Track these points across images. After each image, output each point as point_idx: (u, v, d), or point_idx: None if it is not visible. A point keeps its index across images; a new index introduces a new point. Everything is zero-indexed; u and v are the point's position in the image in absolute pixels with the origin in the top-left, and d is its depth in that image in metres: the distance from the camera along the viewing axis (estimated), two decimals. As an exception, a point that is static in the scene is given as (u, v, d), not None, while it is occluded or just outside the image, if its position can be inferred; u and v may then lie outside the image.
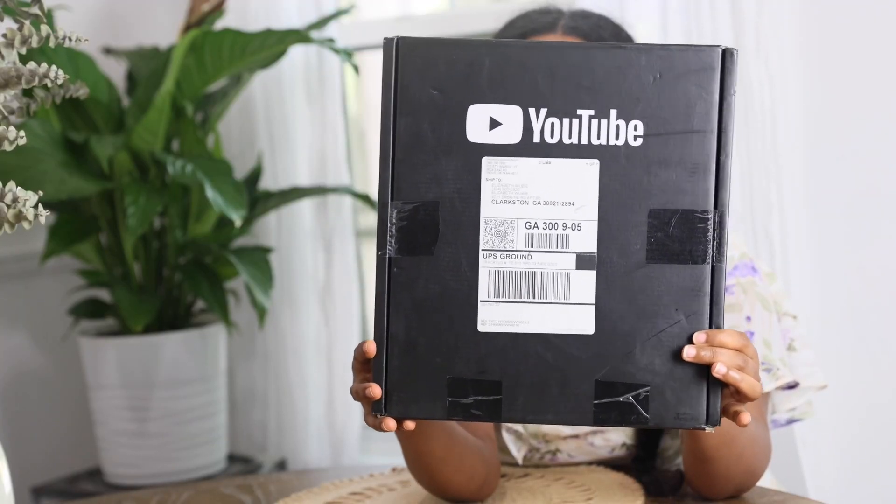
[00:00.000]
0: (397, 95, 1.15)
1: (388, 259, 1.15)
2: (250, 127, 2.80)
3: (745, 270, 1.56)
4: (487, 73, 1.14)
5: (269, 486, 1.61)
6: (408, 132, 1.15)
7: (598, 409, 1.13)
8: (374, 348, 1.15)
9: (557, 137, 1.14)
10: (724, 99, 1.14)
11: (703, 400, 1.13)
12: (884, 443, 2.35)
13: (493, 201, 1.14)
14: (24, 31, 1.13)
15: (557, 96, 1.14)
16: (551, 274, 1.14)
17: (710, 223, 1.13)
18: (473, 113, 1.14)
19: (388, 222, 1.15)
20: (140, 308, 2.54)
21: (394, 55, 1.15)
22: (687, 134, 1.13)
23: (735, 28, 2.32)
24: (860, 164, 2.33)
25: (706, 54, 1.14)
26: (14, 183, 1.09)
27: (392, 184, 1.15)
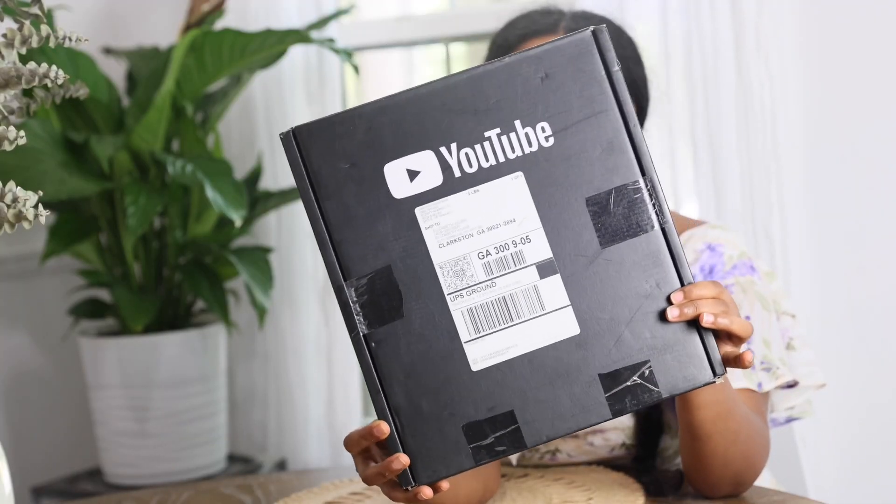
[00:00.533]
0: (313, 182, 1.17)
1: (362, 337, 1.16)
2: (250, 127, 2.80)
3: (743, 270, 1.56)
4: (389, 131, 1.17)
5: (269, 486, 1.61)
6: (336, 212, 1.17)
7: (611, 401, 1.14)
8: (386, 428, 1.14)
9: (476, 165, 1.16)
10: (611, 74, 1.16)
11: (702, 354, 1.15)
12: (884, 443, 2.35)
13: (439, 246, 1.16)
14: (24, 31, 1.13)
15: (461, 128, 1.16)
16: (520, 292, 1.15)
17: (644, 191, 1.16)
18: (390, 171, 1.16)
19: (350, 302, 1.16)
20: (140, 308, 2.54)
21: (295, 146, 1.17)
22: (591, 118, 1.16)
23: (735, 28, 2.32)
24: (860, 163, 2.33)
25: (578, 41, 1.17)
26: (14, 183, 1.09)
27: (340, 266, 1.17)
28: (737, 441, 1.38)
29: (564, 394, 1.14)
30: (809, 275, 2.35)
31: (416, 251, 1.16)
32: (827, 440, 2.33)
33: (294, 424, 2.78)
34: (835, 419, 2.33)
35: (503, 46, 1.61)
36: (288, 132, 1.17)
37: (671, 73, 2.37)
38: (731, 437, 1.38)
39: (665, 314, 1.14)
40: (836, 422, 2.33)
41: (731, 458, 1.39)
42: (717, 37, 2.33)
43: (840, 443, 2.35)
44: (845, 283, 2.35)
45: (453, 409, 1.15)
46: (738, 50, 2.32)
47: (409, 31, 2.82)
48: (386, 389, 1.15)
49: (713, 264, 1.56)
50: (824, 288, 2.35)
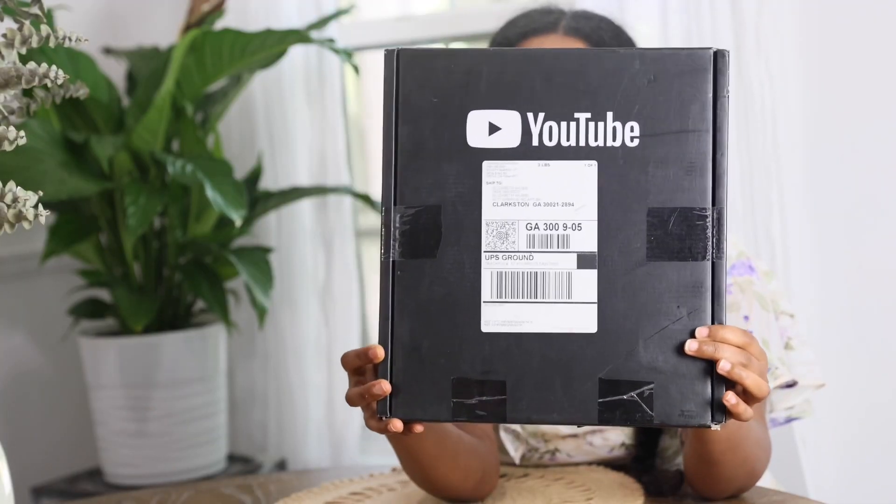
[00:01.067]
0: (398, 104, 1.18)
1: (391, 263, 1.17)
2: (250, 127, 2.80)
3: (742, 269, 1.56)
4: (486, 81, 1.17)
5: (269, 486, 1.61)
6: (409, 139, 1.18)
7: (602, 407, 1.14)
8: (382, 353, 1.16)
9: (556, 140, 1.16)
10: (718, 99, 1.16)
11: (708, 397, 1.14)
12: (884, 442, 2.35)
13: (493, 204, 1.17)
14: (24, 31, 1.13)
15: (555, 101, 1.16)
16: (553, 274, 1.15)
17: (709, 220, 1.15)
18: (473, 119, 1.17)
19: (392, 226, 1.17)
20: (140, 308, 2.54)
21: (394, 66, 1.18)
22: (682, 133, 1.16)
23: (735, 28, 2.32)
24: (860, 163, 2.33)
25: (698, 56, 1.16)
26: (14, 183, 1.09)
27: (395, 189, 1.18)
28: (745, 464, 1.39)
29: (560, 384, 1.15)
30: (809, 275, 2.35)
31: (469, 200, 1.17)
32: (827, 440, 2.33)
33: (294, 424, 2.78)
34: (835, 419, 2.33)
35: (502, 44, 1.61)
36: (393, 50, 1.19)
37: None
38: (739, 463, 1.38)
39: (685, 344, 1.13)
40: (836, 422, 2.33)
41: (737, 477, 1.40)
42: (717, 37, 2.33)
43: (840, 443, 2.35)
44: (845, 283, 2.34)
45: (450, 360, 1.16)
46: (738, 50, 2.32)
47: (409, 31, 2.82)
48: (395, 319, 1.16)
49: None
50: (824, 288, 2.35)
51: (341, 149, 2.73)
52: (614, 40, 1.60)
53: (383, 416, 1.16)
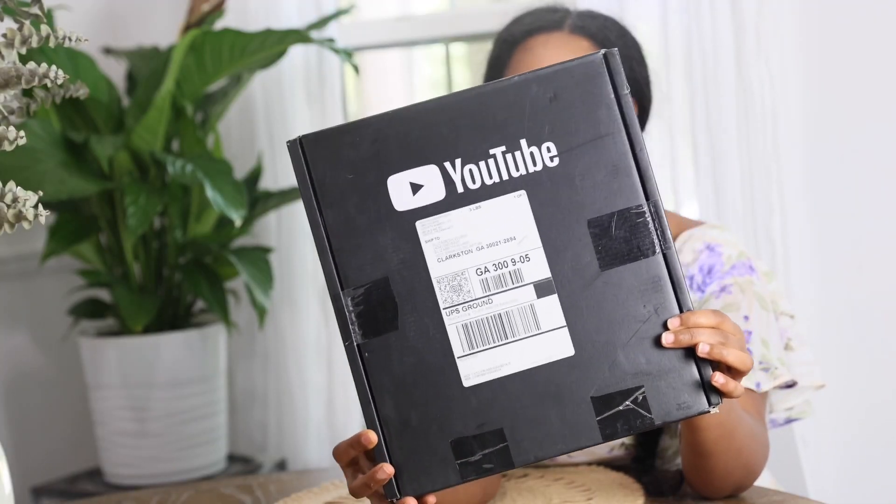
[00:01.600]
0: (316, 190, 1.18)
1: (356, 346, 1.16)
2: (250, 127, 2.80)
3: (742, 270, 1.56)
4: (394, 144, 1.17)
5: (269, 487, 1.61)
6: (337, 221, 1.17)
7: (602, 424, 1.14)
8: (374, 437, 1.14)
9: (479, 181, 1.16)
10: (620, 97, 1.16)
11: (698, 383, 1.14)
12: (884, 443, 2.35)
13: (438, 260, 1.16)
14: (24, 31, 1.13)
15: (467, 144, 1.16)
16: (516, 310, 1.15)
17: (648, 215, 1.15)
18: (394, 184, 1.17)
19: (346, 311, 1.16)
20: (140, 308, 2.54)
21: (301, 153, 1.18)
22: (597, 140, 1.16)
23: (735, 28, 2.32)
24: (860, 163, 2.33)
25: (589, 63, 1.17)
26: (14, 183, 1.09)
27: (338, 274, 1.17)
28: (739, 456, 1.39)
29: (555, 415, 1.14)
30: (809, 275, 2.35)
31: (414, 264, 1.16)
32: (827, 440, 2.33)
33: (294, 424, 2.78)
34: (835, 419, 2.33)
35: (508, 41, 1.62)
36: (295, 140, 1.18)
37: (671, 73, 2.37)
38: (733, 454, 1.38)
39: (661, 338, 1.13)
40: (836, 422, 2.33)
41: (733, 470, 1.39)
42: (717, 37, 2.33)
43: (840, 443, 2.35)
44: (845, 283, 2.34)
45: (442, 424, 1.15)
46: (739, 50, 2.32)
47: (408, 30, 2.82)
48: (376, 400, 1.15)
49: (712, 264, 1.56)
50: (824, 288, 2.35)
51: (341, 149, 2.73)
52: (619, 40, 1.60)
53: (393, 498, 1.15)
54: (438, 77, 3.06)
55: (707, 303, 1.54)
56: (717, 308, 1.53)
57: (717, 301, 1.53)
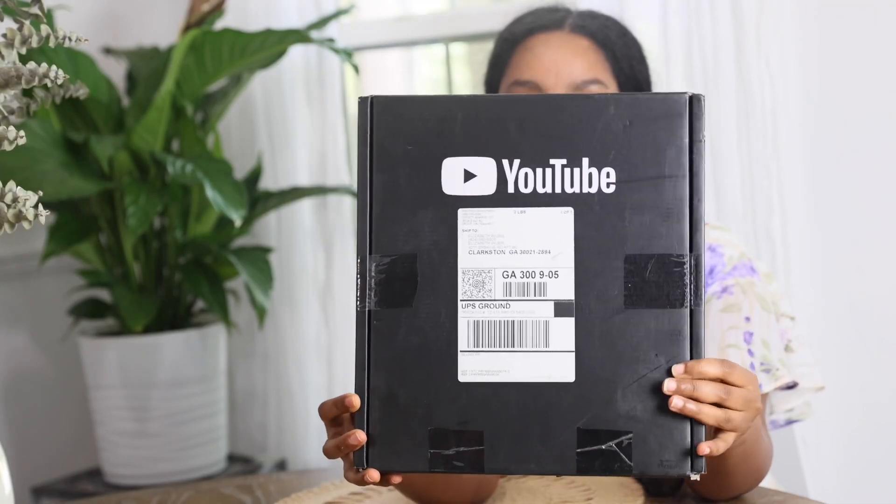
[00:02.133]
0: (373, 152, 1.17)
1: (367, 312, 1.16)
2: (250, 127, 2.80)
3: (744, 271, 1.56)
4: (460, 127, 1.16)
5: (269, 487, 1.61)
6: (384, 187, 1.17)
7: (580, 457, 1.12)
8: (357, 402, 1.14)
9: (532, 187, 1.15)
10: (694, 144, 1.14)
11: (687, 446, 1.12)
12: (884, 443, 2.35)
13: (469, 252, 1.16)
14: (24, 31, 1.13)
15: (530, 147, 1.15)
16: (530, 322, 1.14)
17: (686, 267, 1.13)
18: (448, 166, 1.16)
19: (368, 276, 1.16)
20: (140, 308, 2.54)
21: (368, 113, 1.17)
22: (659, 179, 1.14)
23: (735, 28, 2.32)
24: (861, 163, 2.33)
25: (674, 101, 1.15)
26: (14, 183, 1.09)
27: (370, 238, 1.17)
28: (756, 472, 1.39)
29: (538, 434, 1.13)
30: (810, 275, 2.34)
31: (445, 248, 1.16)
32: (827, 440, 2.33)
33: (294, 424, 2.78)
34: (835, 419, 2.33)
35: (509, 40, 1.62)
36: (367, 97, 1.17)
37: (671, 73, 2.37)
38: (750, 472, 1.38)
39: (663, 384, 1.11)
40: (837, 422, 2.33)
41: (747, 483, 1.40)
42: (718, 37, 2.33)
43: (840, 443, 2.35)
44: (846, 283, 2.34)
45: (427, 410, 1.14)
46: (739, 50, 2.32)
47: (409, 30, 2.82)
48: (371, 369, 1.15)
49: (713, 265, 1.56)
50: (824, 288, 2.35)
51: (341, 149, 2.73)
52: (620, 39, 1.60)
53: (360, 467, 1.15)
54: (438, 77, 3.06)
55: (708, 303, 1.54)
56: (718, 308, 1.53)
57: (718, 301, 1.53)
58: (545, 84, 1.56)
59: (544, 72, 1.56)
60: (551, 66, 1.56)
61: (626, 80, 1.61)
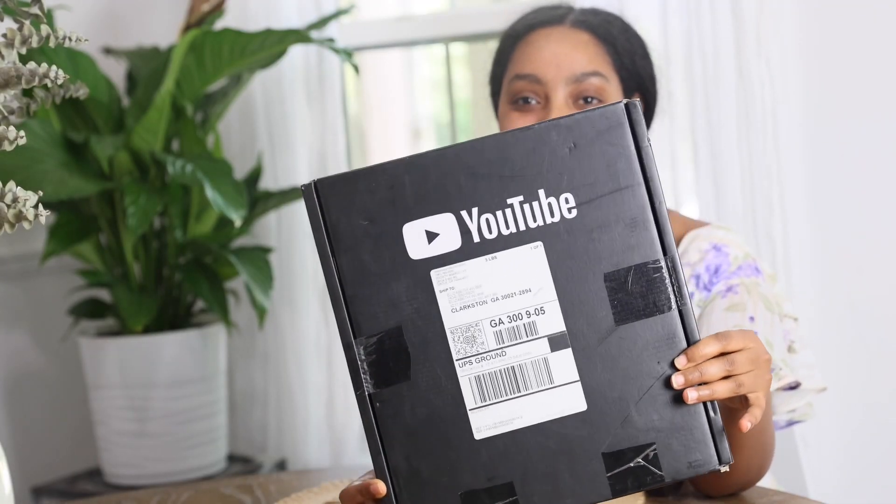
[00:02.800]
0: (330, 236, 1.16)
1: (368, 396, 1.15)
2: (250, 127, 2.80)
3: (748, 271, 1.56)
4: (411, 191, 1.15)
5: (269, 486, 1.61)
6: (351, 268, 1.16)
7: (613, 480, 1.13)
8: (383, 487, 1.13)
9: (496, 231, 1.15)
10: (641, 150, 1.15)
11: (709, 441, 1.13)
12: (884, 443, 2.35)
13: (452, 310, 1.15)
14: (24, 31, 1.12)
15: (484, 193, 1.15)
16: (529, 363, 1.15)
17: (665, 270, 1.14)
18: (409, 231, 1.16)
19: (358, 360, 1.15)
20: (140, 308, 2.53)
21: (315, 198, 1.16)
22: (616, 192, 1.15)
23: (735, 28, 2.32)
24: (861, 163, 2.33)
25: (610, 113, 1.15)
26: (14, 183, 1.09)
27: (350, 322, 1.16)
28: (763, 452, 1.39)
29: (566, 469, 1.14)
30: (810, 275, 2.34)
31: (428, 314, 1.15)
32: (827, 441, 2.33)
33: (294, 424, 2.78)
34: (835, 420, 2.33)
35: (511, 36, 1.63)
36: (310, 184, 1.16)
37: (671, 73, 2.37)
38: (759, 449, 1.38)
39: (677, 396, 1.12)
40: (837, 422, 2.33)
41: (753, 466, 1.40)
42: (718, 36, 2.33)
43: (841, 443, 2.35)
44: (846, 283, 2.34)
45: (452, 476, 1.14)
46: (739, 50, 2.32)
47: (409, 30, 2.82)
48: (386, 450, 1.15)
49: (718, 264, 1.56)
50: (825, 288, 2.35)
51: (341, 148, 2.73)
52: (622, 35, 1.61)
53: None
54: (438, 77, 3.06)
55: (713, 301, 1.54)
56: (723, 307, 1.53)
57: (723, 300, 1.54)
58: (546, 77, 1.57)
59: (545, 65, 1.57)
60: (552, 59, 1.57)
61: (629, 75, 1.62)
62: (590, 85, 1.57)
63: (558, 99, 1.57)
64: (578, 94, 1.57)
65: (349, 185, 1.16)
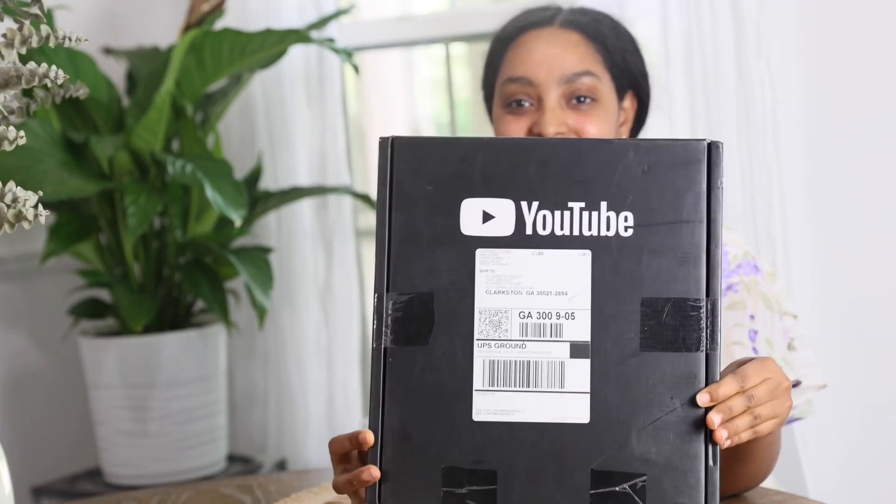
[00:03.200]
0: (392, 191, 1.18)
1: (383, 350, 1.16)
2: (250, 127, 2.80)
3: (748, 269, 1.57)
4: (480, 169, 1.17)
5: (269, 487, 1.61)
6: (403, 226, 1.18)
7: (594, 499, 1.13)
8: (371, 438, 1.14)
9: (549, 229, 1.16)
10: (712, 190, 1.15)
11: (701, 489, 1.13)
12: (884, 443, 2.35)
13: (487, 292, 1.17)
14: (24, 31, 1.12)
15: (549, 190, 1.16)
16: (546, 363, 1.15)
17: (703, 311, 1.14)
18: (467, 207, 1.17)
19: (384, 313, 1.17)
20: (140, 308, 2.53)
21: (389, 153, 1.18)
22: (676, 224, 1.15)
23: (735, 28, 2.32)
24: (861, 163, 2.33)
25: (692, 147, 1.16)
26: (14, 183, 1.09)
27: (388, 276, 1.17)
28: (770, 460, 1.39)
29: (551, 474, 1.14)
30: (810, 275, 2.34)
31: (462, 288, 1.17)
32: (827, 441, 2.33)
33: (294, 425, 2.78)
34: (835, 420, 2.32)
35: (502, 39, 1.64)
36: (388, 138, 1.18)
37: (671, 72, 2.37)
38: (768, 459, 1.39)
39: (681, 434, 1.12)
40: (837, 422, 2.33)
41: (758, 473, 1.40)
42: (718, 36, 2.33)
43: (841, 443, 2.35)
44: (846, 283, 2.34)
45: (441, 449, 1.15)
46: (739, 50, 2.32)
47: (409, 30, 2.82)
48: (385, 406, 1.16)
49: None
50: (825, 288, 2.35)
51: (341, 149, 2.73)
52: (612, 32, 1.61)
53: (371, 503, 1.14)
54: (439, 77, 3.06)
55: None
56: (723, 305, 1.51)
57: (723, 299, 1.53)
58: (537, 79, 1.57)
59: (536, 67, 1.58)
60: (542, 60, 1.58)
61: (620, 73, 1.62)
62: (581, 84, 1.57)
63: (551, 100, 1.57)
64: (571, 94, 1.58)
65: (423, 149, 1.18)
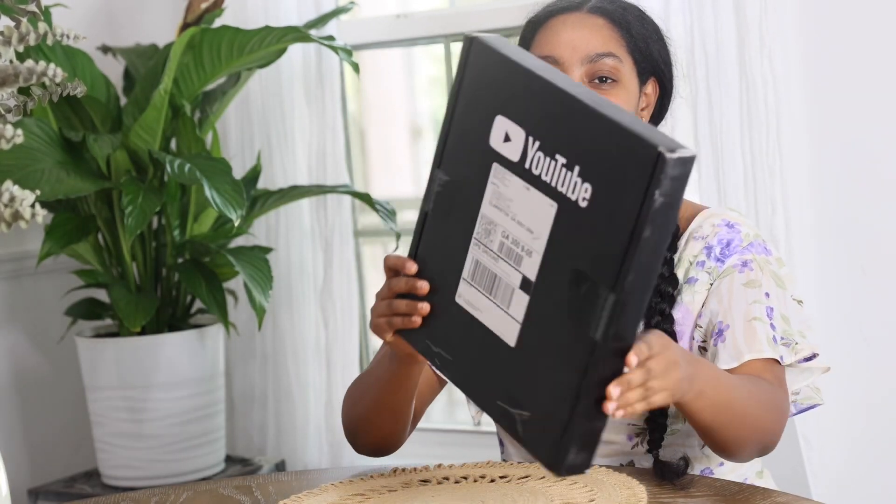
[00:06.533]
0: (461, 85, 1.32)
1: (425, 213, 1.35)
2: (249, 126, 2.79)
3: (759, 249, 1.61)
4: (521, 94, 1.27)
5: (268, 487, 1.61)
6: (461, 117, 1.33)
7: (498, 409, 1.26)
8: (415, 267, 1.36)
9: (539, 171, 1.24)
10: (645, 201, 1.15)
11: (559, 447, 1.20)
12: (886, 443, 2.34)
13: (489, 202, 1.29)
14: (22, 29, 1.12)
15: (549, 135, 1.24)
16: (504, 282, 1.28)
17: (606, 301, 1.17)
18: (498, 123, 1.28)
19: (434, 184, 1.35)
20: (138, 308, 2.52)
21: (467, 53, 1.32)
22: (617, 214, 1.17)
23: (738, 27, 2.31)
24: (864, 162, 2.32)
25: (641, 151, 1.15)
26: (11, 182, 1.08)
27: (441, 154, 1.34)
28: (744, 422, 1.45)
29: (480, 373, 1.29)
30: (813, 274, 2.34)
31: (478, 190, 1.30)
32: (829, 441, 2.32)
33: (293, 426, 2.77)
34: (837, 420, 2.32)
35: (532, 23, 1.70)
36: (472, 38, 1.31)
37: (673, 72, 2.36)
38: (737, 422, 1.44)
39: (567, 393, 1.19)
40: (839, 422, 2.33)
41: (744, 435, 1.46)
42: (720, 35, 2.32)
43: (842, 443, 2.34)
44: (849, 282, 2.34)
45: (435, 312, 1.34)
46: (742, 48, 2.31)
47: (408, 28, 2.81)
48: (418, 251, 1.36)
49: (730, 239, 1.61)
50: (828, 287, 2.34)
51: (340, 148, 2.72)
52: (638, 21, 1.68)
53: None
54: (438, 75, 3.06)
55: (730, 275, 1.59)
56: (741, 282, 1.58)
57: (740, 275, 1.59)
58: (562, 58, 1.63)
59: (562, 47, 1.64)
60: (568, 41, 1.64)
61: (643, 58, 1.67)
62: (604, 65, 1.63)
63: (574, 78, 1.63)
64: (593, 73, 1.63)
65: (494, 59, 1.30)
